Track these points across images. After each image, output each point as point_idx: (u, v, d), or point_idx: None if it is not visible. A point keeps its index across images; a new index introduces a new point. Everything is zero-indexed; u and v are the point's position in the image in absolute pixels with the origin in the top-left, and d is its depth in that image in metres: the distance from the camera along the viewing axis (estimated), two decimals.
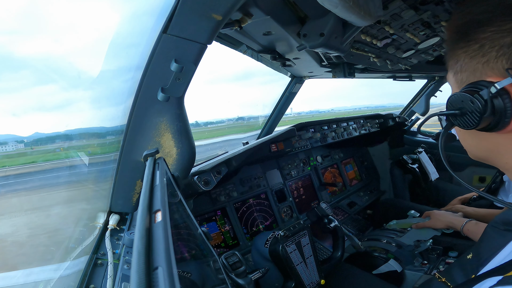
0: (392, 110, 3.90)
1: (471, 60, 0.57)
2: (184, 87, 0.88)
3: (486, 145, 0.61)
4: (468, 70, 0.58)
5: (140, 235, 0.38)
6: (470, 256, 0.77)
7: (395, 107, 17.48)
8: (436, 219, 1.65)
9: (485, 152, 0.63)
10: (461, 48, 0.58)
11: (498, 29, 0.52)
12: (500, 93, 0.52)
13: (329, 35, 1.00)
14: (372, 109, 49.94)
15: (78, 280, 0.91)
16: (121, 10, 1.00)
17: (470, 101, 0.56)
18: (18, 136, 2.07)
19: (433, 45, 1.74)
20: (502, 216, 0.72)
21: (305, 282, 1.26)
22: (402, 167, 2.60)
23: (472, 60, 0.57)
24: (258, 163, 1.99)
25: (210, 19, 0.77)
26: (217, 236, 1.64)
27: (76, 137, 1.31)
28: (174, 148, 0.97)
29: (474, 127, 0.57)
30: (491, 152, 0.61)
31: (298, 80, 2.13)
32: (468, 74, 0.58)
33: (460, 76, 0.60)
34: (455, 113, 0.59)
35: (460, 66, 0.60)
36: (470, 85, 0.57)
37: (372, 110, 38.33)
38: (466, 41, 0.57)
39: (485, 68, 0.55)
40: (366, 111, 18.50)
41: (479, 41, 0.55)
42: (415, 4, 1.20)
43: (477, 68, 0.56)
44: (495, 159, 0.61)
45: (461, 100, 0.58)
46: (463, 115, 0.58)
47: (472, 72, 0.57)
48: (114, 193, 1.04)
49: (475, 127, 0.57)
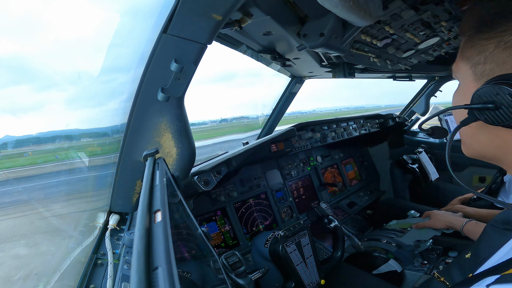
0: (370, 110, 3.90)
1: (503, 51, 0.53)
2: (184, 87, 0.88)
3: (499, 142, 0.58)
4: (495, 62, 0.54)
5: (140, 235, 0.38)
6: (468, 255, 0.77)
7: (373, 108, 17.52)
8: (436, 219, 1.65)
9: (494, 150, 0.60)
10: (490, 38, 0.55)
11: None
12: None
13: (329, 35, 1.00)
14: (352, 109, 50.22)
15: (78, 280, 0.91)
16: (121, 10, 0.99)
17: (509, 94, 0.52)
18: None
19: (433, 45, 1.74)
20: (502, 215, 0.72)
21: (305, 282, 1.26)
22: (402, 167, 2.60)
23: (505, 51, 0.53)
24: (258, 163, 1.99)
25: (210, 19, 0.77)
26: (217, 236, 1.64)
27: (50, 140, 1.18)
28: (174, 148, 0.97)
29: (507, 123, 0.53)
30: (502, 149, 0.59)
31: (298, 80, 2.13)
32: (494, 66, 0.55)
33: (482, 67, 0.56)
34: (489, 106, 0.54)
35: (484, 57, 0.56)
36: (499, 77, 0.53)
37: (352, 111, 38.86)
38: (499, 31, 0.54)
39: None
40: (347, 112, 18.74)
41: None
42: (415, 4, 1.20)
43: (508, 60, 0.53)
44: (504, 156, 0.59)
45: (496, 93, 0.53)
46: (496, 109, 0.54)
47: (500, 64, 0.54)
48: (114, 193, 1.04)
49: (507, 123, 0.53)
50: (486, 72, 0.56)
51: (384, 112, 2.96)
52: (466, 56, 0.60)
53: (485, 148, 0.62)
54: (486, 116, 0.56)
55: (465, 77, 0.61)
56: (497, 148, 0.60)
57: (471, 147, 0.65)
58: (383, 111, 3.00)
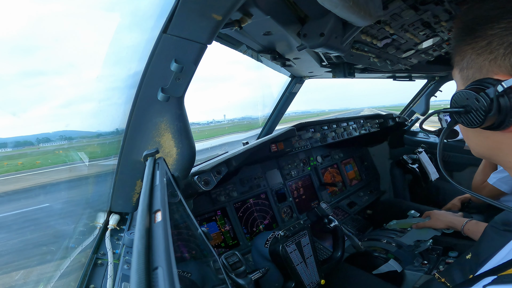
0: (342, 112, 3.89)
1: (478, 57, 0.56)
2: (184, 87, 0.88)
3: (489, 143, 0.60)
4: (474, 67, 0.57)
5: (140, 235, 0.38)
6: (469, 256, 0.77)
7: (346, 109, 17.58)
8: (436, 219, 1.65)
9: (488, 151, 0.62)
10: (468, 45, 0.57)
11: (507, 26, 0.51)
12: (507, 92, 0.51)
13: (329, 35, 1.00)
14: (326, 112, 49.98)
15: (78, 280, 0.91)
16: (121, 10, 0.99)
17: (475, 99, 0.55)
18: None
19: (433, 45, 1.74)
20: (502, 216, 0.73)
21: (305, 282, 1.26)
22: (402, 167, 2.60)
23: (479, 56, 0.55)
24: (258, 163, 1.99)
25: (210, 19, 0.77)
26: (217, 236, 1.64)
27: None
28: (174, 148, 0.97)
29: (478, 125, 0.56)
30: (494, 150, 0.60)
31: (298, 80, 2.13)
32: (474, 71, 0.57)
33: (466, 73, 0.59)
34: (459, 111, 0.58)
35: (466, 63, 0.59)
36: (476, 82, 0.56)
37: (326, 112, 38.73)
38: (473, 37, 0.56)
39: (492, 65, 0.54)
40: (324, 113, 18.83)
41: (487, 37, 0.54)
42: (415, 4, 1.20)
43: (484, 65, 0.55)
44: (498, 157, 0.61)
45: (466, 98, 0.57)
46: (467, 113, 0.57)
47: (478, 69, 0.56)
48: (114, 193, 1.04)
49: (479, 126, 0.56)
50: (469, 76, 0.59)
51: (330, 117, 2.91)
52: (455, 61, 0.63)
53: (480, 148, 0.64)
54: (462, 119, 0.59)
55: (458, 81, 0.64)
56: (490, 149, 0.61)
57: (471, 147, 0.67)
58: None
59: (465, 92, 0.57)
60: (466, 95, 0.57)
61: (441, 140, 0.66)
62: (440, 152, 0.65)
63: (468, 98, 0.56)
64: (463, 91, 0.57)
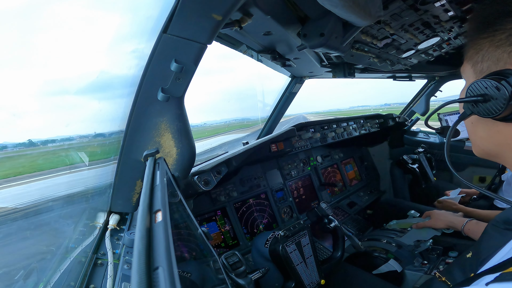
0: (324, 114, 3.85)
1: (496, 49, 0.57)
2: (184, 87, 0.88)
3: (499, 138, 0.60)
4: (491, 60, 0.58)
5: (140, 235, 0.38)
6: (469, 255, 0.77)
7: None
8: (436, 219, 1.65)
9: (495, 147, 0.62)
10: (486, 38, 0.58)
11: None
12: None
13: (329, 35, 1.00)
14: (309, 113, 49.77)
15: (78, 280, 0.91)
16: (121, 10, 0.99)
17: (496, 87, 0.56)
18: None
19: (433, 45, 1.74)
20: (503, 215, 0.73)
21: (305, 282, 1.26)
22: (402, 167, 2.60)
23: (497, 49, 0.57)
24: (258, 163, 1.99)
25: (210, 19, 0.77)
26: (217, 236, 1.64)
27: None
28: (174, 148, 0.97)
29: (496, 115, 0.56)
30: (503, 146, 0.60)
31: (298, 80, 2.13)
32: (490, 64, 0.58)
33: (481, 66, 0.60)
34: (478, 99, 0.58)
35: (482, 56, 0.60)
36: (494, 73, 0.57)
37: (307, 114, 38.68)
38: (492, 30, 0.57)
39: (511, 57, 0.55)
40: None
41: (506, 30, 0.55)
42: (415, 4, 1.20)
43: (502, 57, 0.56)
44: (505, 153, 0.61)
45: (485, 87, 0.57)
46: (485, 102, 0.57)
47: (495, 61, 0.57)
48: (114, 193, 1.04)
49: (498, 115, 0.56)
50: (484, 69, 0.60)
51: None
52: (468, 56, 0.64)
53: (487, 144, 0.64)
54: (479, 109, 0.59)
55: (468, 76, 0.64)
56: (498, 145, 0.61)
57: (476, 144, 0.67)
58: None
59: (485, 81, 0.57)
60: (485, 84, 0.57)
61: (449, 134, 0.66)
62: (448, 149, 0.66)
63: (488, 87, 0.57)
64: (481, 80, 0.58)
